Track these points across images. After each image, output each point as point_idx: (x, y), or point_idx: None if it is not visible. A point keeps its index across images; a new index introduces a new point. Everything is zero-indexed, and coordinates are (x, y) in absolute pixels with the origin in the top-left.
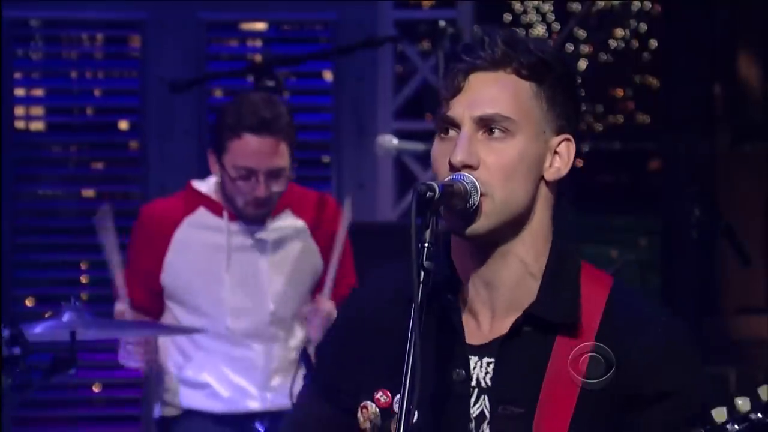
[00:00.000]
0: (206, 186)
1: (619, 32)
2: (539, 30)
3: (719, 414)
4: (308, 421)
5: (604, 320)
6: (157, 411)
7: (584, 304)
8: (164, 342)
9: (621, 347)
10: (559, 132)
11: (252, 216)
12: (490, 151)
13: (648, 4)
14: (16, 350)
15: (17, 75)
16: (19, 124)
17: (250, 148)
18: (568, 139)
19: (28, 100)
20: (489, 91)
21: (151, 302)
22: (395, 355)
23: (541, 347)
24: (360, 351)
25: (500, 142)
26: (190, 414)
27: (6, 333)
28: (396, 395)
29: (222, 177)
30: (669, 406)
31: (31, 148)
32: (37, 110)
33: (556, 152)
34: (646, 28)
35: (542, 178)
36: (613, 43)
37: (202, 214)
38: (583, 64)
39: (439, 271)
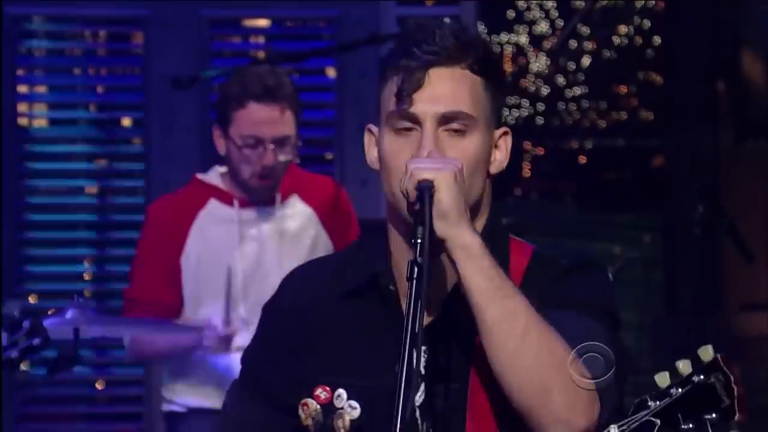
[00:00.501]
0: (212, 177)
1: (623, 29)
2: (542, 26)
3: (662, 379)
4: (244, 429)
5: (523, 284)
6: (164, 406)
7: (512, 275)
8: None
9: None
10: (498, 125)
11: (258, 189)
12: (452, 147)
13: (651, 1)
14: (36, 341)
15: (20, 71)
16: (22, 121)
17: (256, 117)
18: (506, 132)
19: (31, 97)
20: (449, 87)
21: (180, 297)
22: (333, 350)
23: (468, 321)
24: (294, 347)
25: (461, 137)
26: (197, 412)
27: (26, 324)
28: (336, 390)
29: (228, 150)
30: (576, 310)
31: (34, 144)
32: (40, 107)
33: (496, 145)
34: (649, 24)
35: (487, 171)
36: (616, 40)
37: (213, 205)
38: (586, 60)
39: (376, 262)
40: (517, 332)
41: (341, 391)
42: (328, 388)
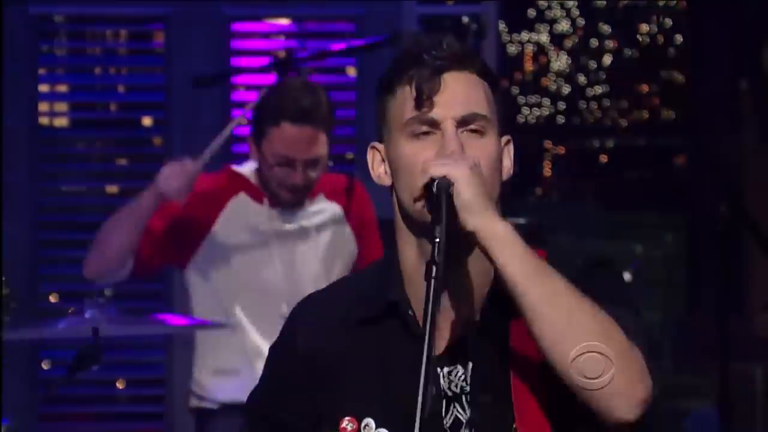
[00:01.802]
0: (246, 171)
1: (645, 27)
2: (563, 25)
3: None
4: None
5: None
6: (193, 402)
7: None
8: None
9: None
10: (501, 133)
11: (287, 201)
12: (472, 147)
13: (674, 0)
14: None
15: (41, 71)
16: (43, 120)
17: (289, 137)
18: (510, 141)
19: (52, 96)
20: (465, 90)
21: (155, 262)
22: (356, 381)
23: (498, 332)
24: (311, 384)
25: (479, 138)
26: (228, 408)
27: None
28: (363, 419)
29: (260, 162)
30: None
31: (55, 144)
32: (61, 106)
33: (503, 152)
34: (671, 23)
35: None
36: (638, 39)
37: (243, 198)
38: (607, 59)
39: (391, 290)
40: (563, 310)
41: (369, 420)
42: (354, 419)
